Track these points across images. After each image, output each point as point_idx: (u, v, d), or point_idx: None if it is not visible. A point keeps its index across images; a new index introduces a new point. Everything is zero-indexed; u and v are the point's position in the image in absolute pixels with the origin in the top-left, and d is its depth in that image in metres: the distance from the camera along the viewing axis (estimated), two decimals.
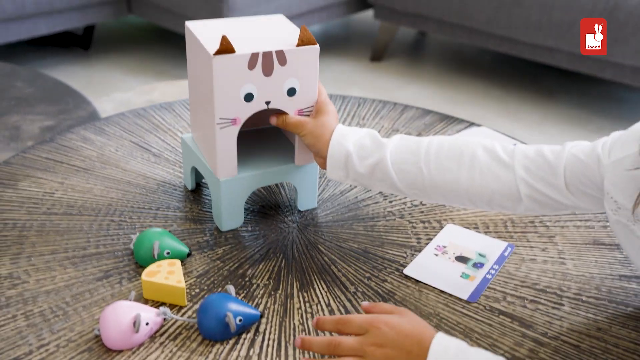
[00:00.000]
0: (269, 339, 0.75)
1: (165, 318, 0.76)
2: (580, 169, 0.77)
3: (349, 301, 0.81)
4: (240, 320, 0.74)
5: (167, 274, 0.79)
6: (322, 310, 0.80)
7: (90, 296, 0.80)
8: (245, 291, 0.82)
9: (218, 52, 0.80)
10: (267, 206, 1.00)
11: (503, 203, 0.82)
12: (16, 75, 1.69)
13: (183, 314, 0.78)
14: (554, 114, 2.63)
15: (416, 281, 0.85)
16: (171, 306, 0.79)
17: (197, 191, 1.02)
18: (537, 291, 0.84)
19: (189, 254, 0.86)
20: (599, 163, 0.75)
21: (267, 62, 0.84)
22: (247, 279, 0.84)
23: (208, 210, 0.98)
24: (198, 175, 1.02)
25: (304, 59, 0.86)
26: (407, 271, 0.87)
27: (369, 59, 3.12)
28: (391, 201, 1.02)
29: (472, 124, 1.25)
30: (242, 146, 0.91)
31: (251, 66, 0.83)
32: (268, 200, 1.01)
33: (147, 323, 0.73)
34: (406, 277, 0.86)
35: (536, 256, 0.91)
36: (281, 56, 0.84)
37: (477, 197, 0.83)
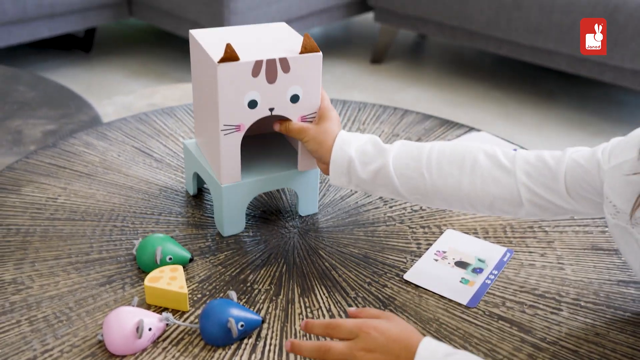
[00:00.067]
0: (271, 344, 0.76)
1: (167, 323, 0.77)
2: (580, 174, 0.78)
3: (350, 306, 0.82)
4: (242, 325, 0.75)
5: (170, 280, 0.80)
6: (323, 315, 0.81)
7: (93, 301, 0.81)
8: (246, 296, 0.83)
9: (222, 60, 0.81)
10: (268, 211, 1.01)
11: (504, 208, 0.83)
12: (18, 79, 1.69)
13: (185, 320, 0.79)
14: (554, 117, 2.64)
15: (416, 286, 0.86)
16: (174, 311, 0.80)
17: (199, 196, 1.03)
18: (536, 296, 0.85)
19: (191, 260, 0.87)
20: (599, 168, 0.76)
21: (271, 70, 0.84)
22: (249, 284, 0.85)
23: (210, 215, 0.99)
24: (200, 180, 1.03)
25: (307, 66, 0.87)
26: (407, 276, 0.88)
27: (369, 62, 3.13)
28: (391, 206, 1.02)
29: (472, 129, 1.26)
30: (245, 152, 0.92)
31: (255, 73, 0.84)
32: (269, 205, 1.02)
33: (150, 328, 0.74)
34: (406, 282, 0.87)
35: (535, 261, 0.91)
36: (285, 63, 0.85)
37: (479, 202, 0.84)
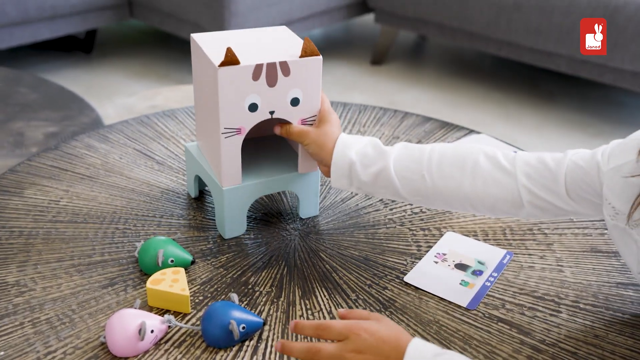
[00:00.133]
0: (272, 346, 0.76)
1: (169, 325, 0.77)
2: (580, 176, 0.79)
3: (350, 308, 0.83)
4: (243, 327, 0.76)
5: (172, 282, 0.81)
6: (324, 317, 0.81)
7: (96, 304, 0.82)
8: (248, 298, 0.84)
9: (223, 64, 0.82)
10: (269, 214, 1.01)
11: (505, 209, 0.84)
12: (20, 81, 1.70)
13: (187, 322, 0.80)
14: (554, 118, 2.65)
15: (416, 288, 0.87)
16: (175, 313, 0.80)
17: (200, 199, 1.04)
18: (536, 298, 0.86)
19: (193, 262, 0.88)
20: (599, 170, 0.77)
21: (271, 73, 0.85)
22: (250, 287, 0.86)
23: (211, 217, 0.99)
24: (201, 183, 1.04)
25: (308, 70, 0.87)
26: (408, 278, 0.88)
27: (370, 63, 3.13)
28: (392, 209, 1.03)
29: (472, 131, 1.26)
30: (246, 154, 0.93)
31: (255, 77, 0.84)
32: (270, 207, 1.03)
33: (152, 330, 0.75)
34: (406, 285, 0.87)
35: (534, 264, 0.92)
36: (285, 67, 0.86)
37: (480, 204, 0.84)
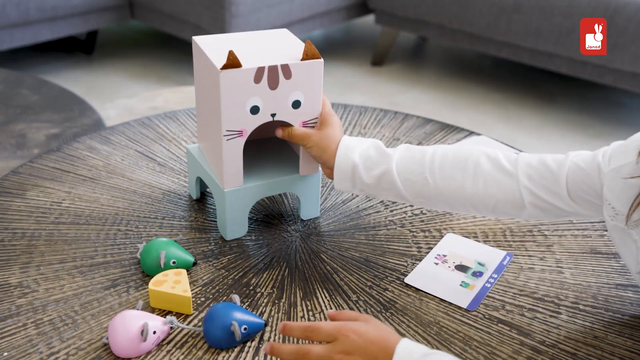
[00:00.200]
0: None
1: (171, 326, 0.78)
2: (581, 177, 0.79)
3: (351, 310, 0.83)
4: (245, 328, 0.76)
5: (174, 284, 0.81)
6: (325, 319, 0.82)
7: (98, 305, 0.82)
8: (249, 300, 0.84)
9: (225, 67, 0.83)
10: (271, 215, 1.02)
11: (507, 210, 0.85)
12: (21, 82, 1.71)
13: (189, 323, 0.80)
14: (554, 119, 2.65)
15: (417, 290, 0.87)
16: (177, 315, 0.81)
17: (202, 200, 1.04)
18: (535, 300, 0.86)
19: (195, 263, 0.88)
20: (599, 171, 0.78)
21: (273, 76, 0.86)
22: (252, 288, 0.86)
23: (213, 219, 1.00)
24: (203, 184, 1.04)
25: (309, 73, 0.88)
26: (408, 280, 0.89)
27: (370, 64, 3.14)
28: (392, 210, 1.04)
29: (472, 133, 1.27)
30: (247, 156, 0.93)
31: (257, 80, 0.85)
32: (271, 209, 1.03)
33: (155, 332, 0.75)
34: (407, 286, 0.88)
35: (534, 265, 0.93)
36: (286, 70, 0.86)
37: (482, 205, 0.85)
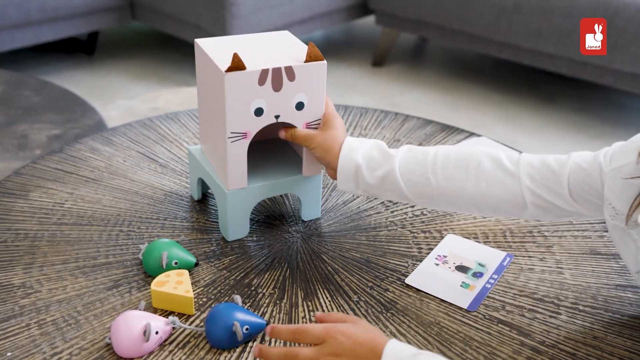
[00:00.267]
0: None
1: (174, 327, 0.78)
2: (582, 177, 0.80)
3: (352, 310, 0.84)
4: (247, 329, 0.77)
5: (176, 284, 0.82)
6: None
7: (101, 305, 0.83)
8: (251, 300, 0.85)
9: (230, 69, 0.83)
10: (272, 216, 1.02)
11: (508, 210, 0.85)
12: (23, 84, 1.71)
13: (191, 323, 0.81)
14: (555, 120, 2.66)
15: (417, 290, 0.88)
16: (180, 315, 0.81)
17: (204, 201, 1.05)
18: (535, 300, 0.87)
19: (197, 264, 0.89)
20: (601, 171, 0.78)
21: (277, 78, 0.86)
22: (253, 289, 0.87)
23: (214, 220, 1.00)
24: (204, 185, 1.05)
25: (312, 74, 0.89)
26: (409, 280, 0.89)
27: (371, 65, 3.14)
28: (393, 211, 1.04)
29: (472, 134, 1.27)
30: (249, 157, 0.94)
31: (261, 82, 0.85)
32: (273, 210, 1.04)
33: (157, 332, 0.76)
34: (407, 287, 0.88)
35: (534, 266, 0.93)
36: (290, 72, 0.87)
37: (484, 205, 0.86)
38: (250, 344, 0.78)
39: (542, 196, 0.82)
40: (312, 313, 0.83)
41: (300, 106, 0.90)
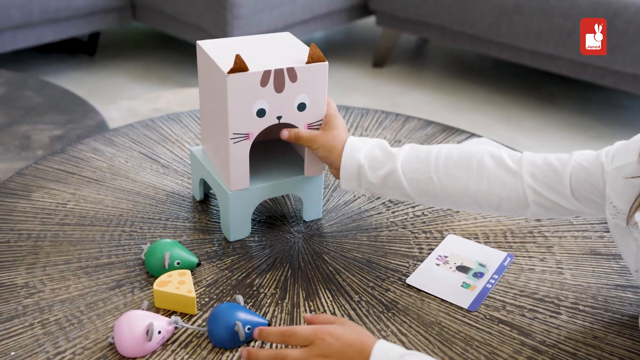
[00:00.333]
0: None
1: (176, 326, 0.79)
2: (584, 176, 0.81)
3: (354, 310, 0.84)
4: (248, 328, 0.77)
5: (178, 284, 0.82)
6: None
7: (103, 305, 0.83)
8: (253, 300, 0.85)
9: (232, 71, 0.84)
10: (274, 217, 1.03)
11: (511, 208, 0.86)
12: (24, 84, 1.72)
13: (193, 323, 0.81)
14: (555, 121, 2.66)
15: (418, 290, 0.88)
16: (182, 315, 0.82)
17: (205, 202, 1.05)
18: (536, 300, 0.87)
19: (199, 264, 0.89)
20: (602, 171, 0.79)
21: (279, 79, 0.87)
22: (255, 288, 0.87)
23: (216, 220, 1.01)
24: (206, 186, 1.05)
25: (314, 75, 0.89)
26: (410, 281, 0.90)
27: (371, 65, 3.15)
28: (394, 212, 1.04)
29: (473, 135, 1.28)
30: (250, 158, 0.94)
31: (263, 83, 0.86)
32: (274, 211, 1.04)
33: (160, 331, 0.76)
34: (409, 287, 0.89)
35: (535, 266, 0.93)
36: (292, 73, 0.87)
37: (486, 203, 0.86)
38: (252, 344, 0.78)
39: (544, 195, 0.83)
40: (314, 313, 0.83)
41: (302, 107, 0.91)
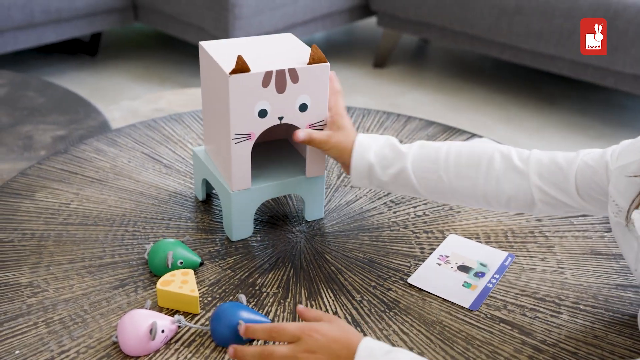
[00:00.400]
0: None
1: (179, 325, 0.79)
2: (589, 175, 0.82)
3: (355, 309, 0.85)
4: None
5: (181, 283, 0.83)
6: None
7: (107, 304, 0.84)
8: (255, 299, 0.86)
9: (234, 72, 0.84)
10: (276, 217, 1.03)
11: (519, 206, 0.88)
12: (27, 85, 1.72)
13: (196, 322, 0.81)
14: (555, 121, 2.66)
15: (420, 290, 0.89)
16: (185, 314, 0.82)
17: (208, 202, 1.06)
18: (537, 300, 0.87)
19: (201, 264, 0.90)
20: (607, 169, 0.80)
21: (280, 80, 0.87)
22: (257, 288, 0.88)
23: (218, 220, 1.01)
24: (208, 186, 1.06)
25: (315, 76, 0.90)
26: (411, 280, 0.90)
27: (372, 66, 3.15)
28: (395, 212, 1.05)
29: (474, 135, 1.28)
30: (252, 158, 0.95)
31: (265, 84, 0.87)
32: (276, 210, 1.05)
33: (163, 330, 0.77)
34: (410, 286, 0.89)
35: (536, 266, 0.94)
36: (293, 74, 0.88)
37: (496, 202, 0.88)
38: (254, 343, 0.78)
39: (550, 194, 0.84)
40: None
41: (303, 107, 0.91)
